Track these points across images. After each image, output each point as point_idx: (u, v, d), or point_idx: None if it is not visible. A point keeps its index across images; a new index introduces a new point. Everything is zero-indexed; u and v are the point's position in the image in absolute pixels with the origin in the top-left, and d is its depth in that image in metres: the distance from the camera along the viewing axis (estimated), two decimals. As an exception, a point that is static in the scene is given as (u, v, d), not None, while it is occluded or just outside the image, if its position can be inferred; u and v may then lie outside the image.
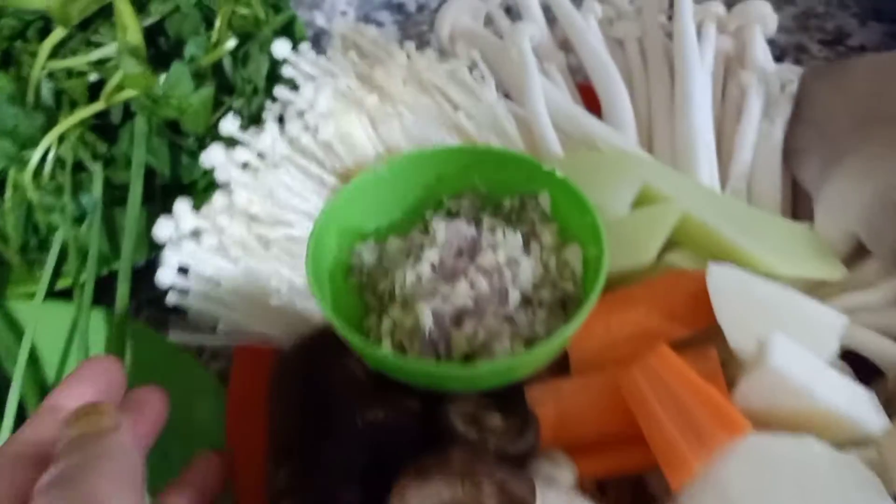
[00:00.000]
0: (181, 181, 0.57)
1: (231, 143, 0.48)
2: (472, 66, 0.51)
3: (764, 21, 0.55)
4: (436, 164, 0.45)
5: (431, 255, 0.40)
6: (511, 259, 0.40)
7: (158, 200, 0.56)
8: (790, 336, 0.41)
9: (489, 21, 0.58)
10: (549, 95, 0.52)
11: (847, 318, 0.44)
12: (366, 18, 0.77)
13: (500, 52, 0.54)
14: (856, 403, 0.39)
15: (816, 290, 0.47)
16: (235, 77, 0.58)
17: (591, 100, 0.55)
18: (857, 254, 0.48)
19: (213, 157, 0.46)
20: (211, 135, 0.55)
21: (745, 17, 0.55)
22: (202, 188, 0.57)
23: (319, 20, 0.77)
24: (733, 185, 0.52)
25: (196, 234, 0.45)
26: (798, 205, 0.53)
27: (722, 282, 0.41)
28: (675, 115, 0.52)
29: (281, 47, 0.50)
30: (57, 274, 0.52)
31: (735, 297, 0.41)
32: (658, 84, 0.54)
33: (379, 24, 0.76)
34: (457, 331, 0.38)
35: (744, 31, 0.56)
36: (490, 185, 0.46)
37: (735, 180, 0.52)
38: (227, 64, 0.57)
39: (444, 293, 0.38)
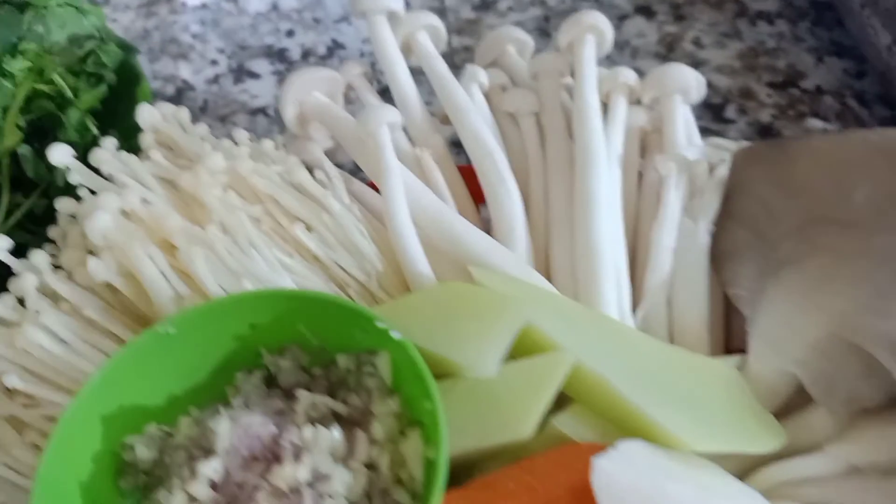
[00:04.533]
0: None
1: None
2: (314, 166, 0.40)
3: (686, 90, 0.45)
4: (246, 312, 0.34)
5: (210, 469, 0.29)
6: (318, 474, 0.29)
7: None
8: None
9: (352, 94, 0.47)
10: (416, 198, 0.41)
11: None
12: (240, 69, 0.65)
13: (360, 139, 0.43)
14: None
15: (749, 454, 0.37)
16: (39, 170, 0.46)
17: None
18: (800, 398, 0.38)
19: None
20: None
21: (662, 87, 0.44)
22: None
23: (185, 72, 0.65)
24: (650, 302, 0.41)
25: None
26: (733, 321, 0.43)
27: (610, 482, 0.31)
28: (575, 221, 0.41)
29: (58, 153, 0.39)
30: None
31: (630, 501, 0.31)
32: (557, 175, 0.44)
33: (254, 76, 0.65)
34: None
35: (660, 103, 0.45)
36: (321, 337, 0.35)
37: (652, 296, 0.41)
38: (27, 153, 0.46)
39: (217, 534, 0.28)
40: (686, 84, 0.44)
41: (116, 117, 0.51)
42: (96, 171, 0.40)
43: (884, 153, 0.38)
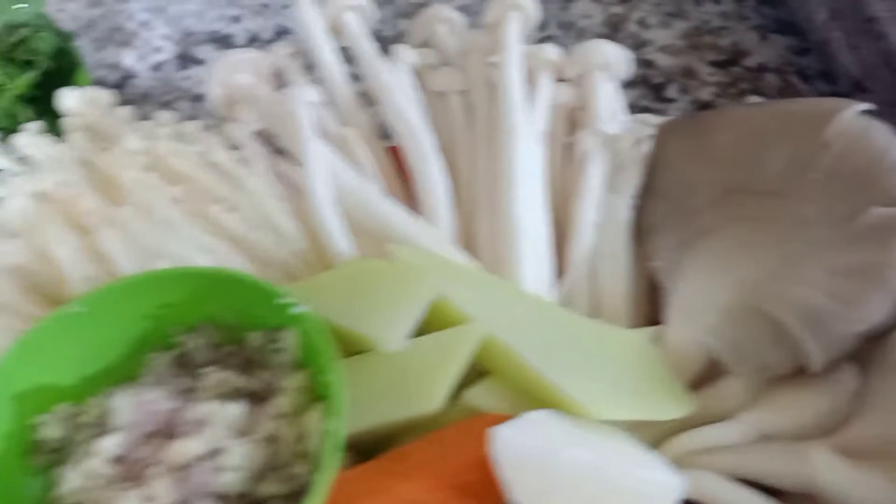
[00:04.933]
0: None
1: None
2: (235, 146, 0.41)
3: (609, 66, 0.45)
4: (157, 291, 0.35)
5: (110, 445, 0.29)
6: (215, 448, 0.29)
7: None
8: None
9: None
10: (339, 176, 0.41)
11: (694, 471, 0.35)
12: (184, 56, 0.65)
13: (283, 118, 0.44)
14: None
15: (660, 421, 0.37)
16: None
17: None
18: (717, 369, 0.38)
19: None
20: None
21: (584, 64, 0.45)
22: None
23: (129, 60, 0.65)
24: (572, 276, 0.42)
25: None
26: (660, 295, 0.43)
27: (508, 449, 0.31)
28: (496, 195, 0.42)
29: (-27, 137, 0.39)
30: None
31: (529, 469, 0.31)
32: (483, 153, 0.44)
33: (199, 63, 0.65)
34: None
35: (584, 79, 0.45)
36: (233, 315, 0.35)
37: (574, 270, 0.42)
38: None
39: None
40: (608, 60, 0.45)
41: (53, 103, 0.51)
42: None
43: (796, 121, 0.39)
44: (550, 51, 0.45)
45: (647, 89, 0.62)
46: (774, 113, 0.40)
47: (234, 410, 0.30)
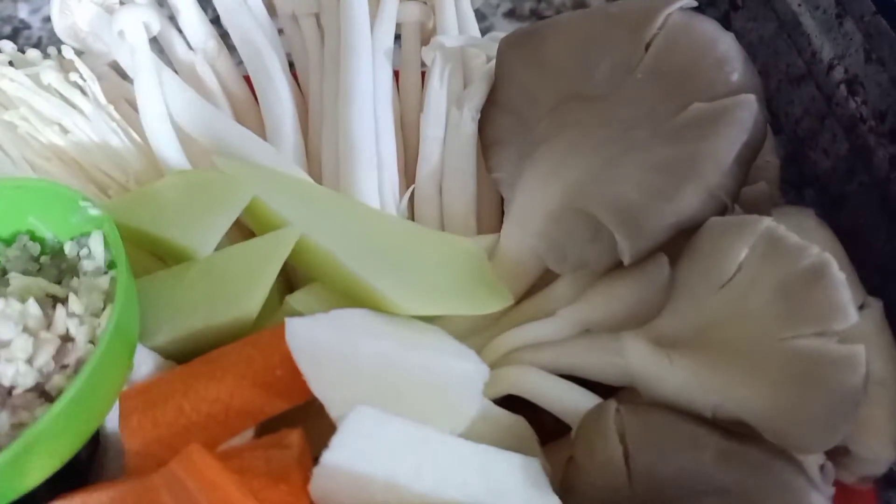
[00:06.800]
0: None
1: None
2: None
3: (456, -16, 0.45)
4: (-27, 206, 0.35)
5: None
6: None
7: None
8: (410, 403, 0.31)
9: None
10: (177, 96, 0.41)
11: (514, 366, 0.35)
12: (77, 6, 0.65)
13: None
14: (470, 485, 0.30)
15: (492, 324, 0.38)
16: None
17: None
18: (551, 275, 0.39)
19: None
20: None
21: (429, -21, 0.45)
22: None
23: (23, 12, 0.65)
24: (419, 192, 0.42)
25: None
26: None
27: (304, 340, 0.31)
28: (338, 115, 0.42)
29: None
30: None
31: (326, 359, 0.31)
32: (331, 74, 0.44)
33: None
34: None
35: (430, -3, 0.45)
36: (50, 226, 0.35)
37: (421, 186, 0.42)
38: None
39: None
40: (455, -23, 0.44)
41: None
42: None
43: (620, 23, 0.39)
44: (395, -33, 0.45)
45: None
46: (600, 17, 0.39)
47: (28, 308, 0.31)
